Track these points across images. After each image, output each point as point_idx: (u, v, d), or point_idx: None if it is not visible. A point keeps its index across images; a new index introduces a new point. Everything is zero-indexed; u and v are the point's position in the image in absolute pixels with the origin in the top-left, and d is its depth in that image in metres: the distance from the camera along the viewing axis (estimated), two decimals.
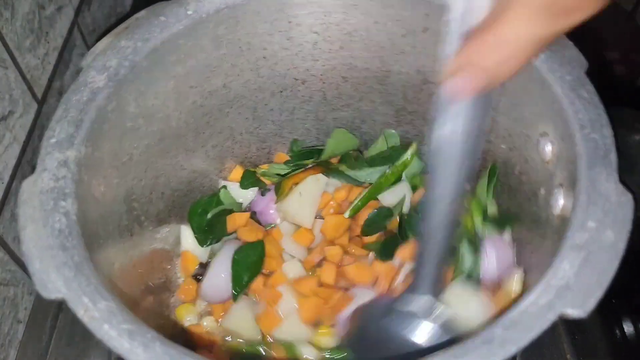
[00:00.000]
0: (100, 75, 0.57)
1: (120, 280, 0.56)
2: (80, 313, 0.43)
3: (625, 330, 0.66)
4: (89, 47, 0.91)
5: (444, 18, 0.46)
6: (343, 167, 0.78)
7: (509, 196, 0.68)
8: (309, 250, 0.75)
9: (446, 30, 0.46)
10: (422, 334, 0.57)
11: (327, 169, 0.77)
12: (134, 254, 0.62)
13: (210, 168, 0.78)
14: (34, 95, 0.75)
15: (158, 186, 0.69)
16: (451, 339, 0.55)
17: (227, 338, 0.70)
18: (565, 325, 0.69)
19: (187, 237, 0.75)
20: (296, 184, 0.75)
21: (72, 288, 0.44)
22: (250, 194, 0.80)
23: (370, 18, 0.68)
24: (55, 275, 0.44)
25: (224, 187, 0.79)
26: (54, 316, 0.74)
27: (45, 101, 0.78)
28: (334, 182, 0.78)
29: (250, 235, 0.74)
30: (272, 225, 0.77)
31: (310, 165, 0.78)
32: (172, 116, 0.67)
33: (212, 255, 0.75)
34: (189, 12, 0.63)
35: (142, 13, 0.63)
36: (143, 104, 0.62)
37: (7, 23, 0.69)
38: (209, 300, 0.71)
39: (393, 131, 0.80)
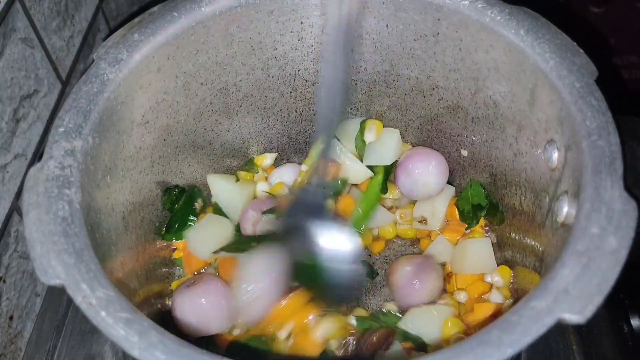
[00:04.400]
0: (111, 67, 0.58)
1: (121, 270, 0.56)
2: (78, 300, 0.43)
3: (633, 324, 0.65)
4: (112, 33, 0.92)
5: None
6: None
7: (514, 203, 0.68)
8: None
9: None
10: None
11: None
12: (137, 245, 0.63)
13: (217, 166, 0.78)
14: (58, 75, 0.76)
15: (165, 181, 0.69)
16: None
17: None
18: None
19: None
20: None
21: (71, 274, 0.44)
22: None
23: (382, 22, 0.68)
24: (56, 261, 0.45)
25: None
26: None
27: (69, 82, 0.79)
28: None
29: None
30: None
31: None
32: (181, 112, 0.68)
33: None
34: (202, 9, 0.63)
35: (156, 8, 0.64)
36: (153, 98, 0.63)
37: (35, 3, 0.70)
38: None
39: None
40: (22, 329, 0.70)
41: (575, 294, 0.41)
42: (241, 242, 0.72)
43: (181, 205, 0.73)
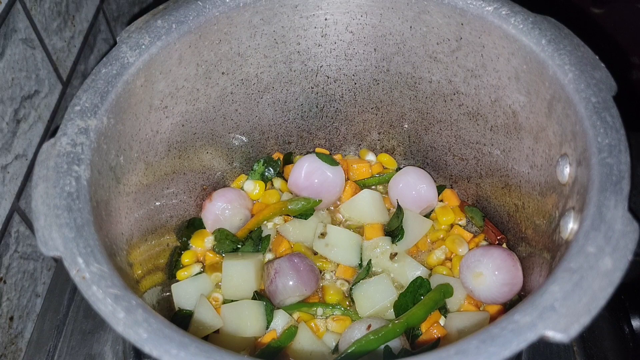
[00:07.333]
0: (132, 51, 0.59)
1: (127, 250, 0.58)
2: (73, 273, 0.44)
3: (634, 325, 0.64)
4: (113, 33, 0.94)
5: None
6: None
7: (527, 217, 0.66)
8: None
9: None
10: None
11: None
12: (145, 228, 0.64)
13: (236, 155, 0.79)
14: (59, 76, 0.77)
15: (181, 167, 0.71)
16: None
17: None
18: None
19: None
20: None
21: (69, 248, 0.45)
22: None
23: (406, 23, 0.68)
24: (57, 234, 0.46)
25: None
26: (71, 291, 0.75)
27: (70, 83, 0.79)
28: None
29: None
30: None
31: None
32: (201, 100, 0.69)
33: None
34: (227, 0, 0.64)
35: None
36: (172, 84, 0.64)
37: (35, 4, 0.71)
38: None
39: None
40: (23, 330, 0.71)
41: (562, 311, 0.40)
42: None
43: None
